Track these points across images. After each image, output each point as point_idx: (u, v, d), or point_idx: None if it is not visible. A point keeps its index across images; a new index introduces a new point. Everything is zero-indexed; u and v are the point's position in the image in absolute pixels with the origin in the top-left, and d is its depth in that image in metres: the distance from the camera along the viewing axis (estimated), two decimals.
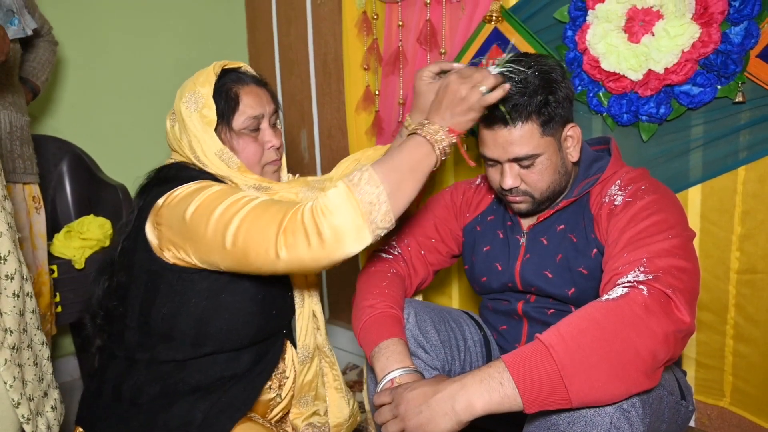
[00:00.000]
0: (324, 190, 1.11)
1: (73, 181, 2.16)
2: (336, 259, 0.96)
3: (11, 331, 1.07)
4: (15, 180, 1.56)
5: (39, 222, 1.65)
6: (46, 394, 1.18)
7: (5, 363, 1.04)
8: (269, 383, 1.19)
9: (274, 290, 1.18)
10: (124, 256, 1.13)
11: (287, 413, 1.28)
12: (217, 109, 1.12)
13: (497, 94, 1.02)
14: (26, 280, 1.14)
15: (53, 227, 2.09)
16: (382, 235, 0.98)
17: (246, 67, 1.23)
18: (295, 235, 0.95)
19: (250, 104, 1.16)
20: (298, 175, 1.41)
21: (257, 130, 1.18)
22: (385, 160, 1.00)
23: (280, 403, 1.23)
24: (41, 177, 1.84)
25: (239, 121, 1.15)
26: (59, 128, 2.19)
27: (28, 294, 1.15)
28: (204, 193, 1.04)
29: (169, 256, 1.07)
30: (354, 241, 0.95)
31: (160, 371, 1.09)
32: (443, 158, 1.02)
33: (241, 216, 0.99)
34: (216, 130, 1.13)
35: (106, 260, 1.19)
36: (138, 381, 1.09)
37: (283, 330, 1.24)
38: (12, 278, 1.07)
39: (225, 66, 1.19)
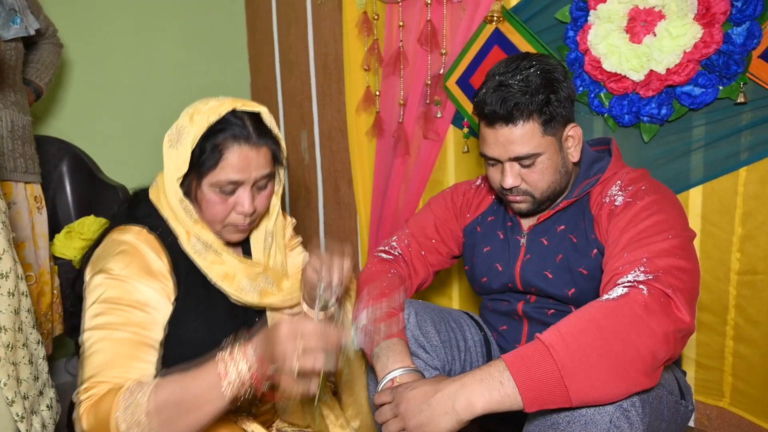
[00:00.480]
0: (276, 287, 1.11)
1: (73, 181, 2.16)
2: None
3: (6, 330, 1.07)
4: (16, 179, 1.56)
5: (41, 222, 1.65)
6: (41, 393, 1.18)
7: (0, 361, 1.04)
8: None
9: (231, 324, 1.09)
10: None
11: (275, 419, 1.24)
12: (193, 155, 1.01)
13: (297, 387, 0.84)
14: (21, 278, 1.14)
15: (53, 228, 2.09)
16: None
17: (264, 114, 1.07)
18: (83, 416, 0.90)
19: (232, 169, 1.01)
20: (294, 225, 1.31)
21: (232, 193, 1.05)
22: (169, 387, 0.87)
23: (257, 417, 1.17)
24: (42, 177, 1.85)
25: (212, 180, 1.02)
26: (59, 129, 2.20)
27: (23, 293, 1.15)
28: (113, 277, 0.97)
29: None
30: None
31: None
32: (230, 404, 0.87)
33: (93, 337, 0.95)
34: (187, 174, 1.03)
35: (75, 273, 1.12)
36: None
37: None
38: (7, 277, 1.07)
39: (238, 108, 1.04)
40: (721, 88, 1.31)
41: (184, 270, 1.05)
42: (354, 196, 2.21)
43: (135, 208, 1.10)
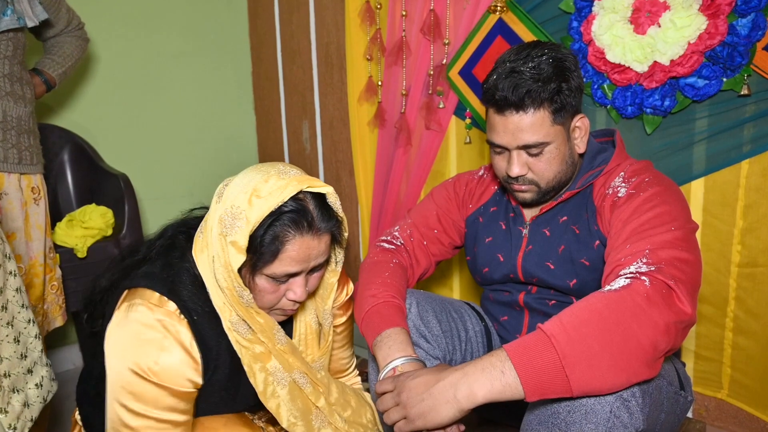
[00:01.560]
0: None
1: (74, 170, 2.16)
2: None
3: None
4: (9, 170, 1.53)
5: (37, 213, 1.62)
6: (30, 371, 1.18)
7: None
8: (253, 416, 1.12)
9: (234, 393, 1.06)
10: (105, 306, 1.03)
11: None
12: (251, 245, 0.91)
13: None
14: (9, 258, 1.14)
15: (55, 216, 2.09)
16: None
17: (330, 195, 0.98)
18: None
19: (291, 261, 0.94)
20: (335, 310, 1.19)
21: (285, 281, 0.98)
22: None
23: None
24: (43, 166, 1.83)
25: (268, 272, 0.94)
26: (60, 117, 2.19)
27: (11, 272, 1.14)
28: (135, 382, 0.92)
29: None
30: None
31: None
32: None
33: None
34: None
35: (102, 287, 1.07)
36: None
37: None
38: None
39: (306, 188, 0.94)
40: (724, 80, 1.30)
41: (215, 351, 1.00)
42: (355, 187, 2.21)
43: (171, 261, 1.00)
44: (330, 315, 1.13)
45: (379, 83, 2.00)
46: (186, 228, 1.07)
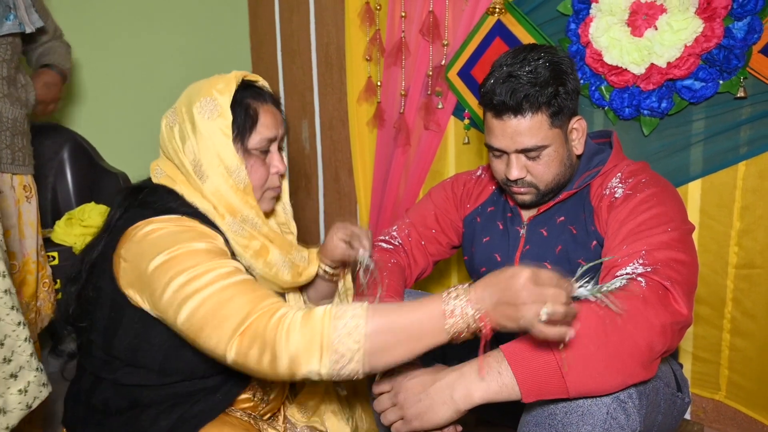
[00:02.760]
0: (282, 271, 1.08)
1: (73, 168, 2.16)
2: (281, 379, 0.93)
3: None
4: (2, 170, 1.56)
5: (29, 211, 1.64)
6: (14, 376, 1.15)
7: None
8: (250, 393, 1.13)
9: None
10: (93, 272, 1.05)
11: (278, 411, 1.25)
12: (234, 123, 1.04)
13: (551, 333, 0.78)
14: (0, 259, 1.12)
15: (54, 214, 2.10)
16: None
17: (263, 82, 1.14)
18: (251, 344, 0.85)
19: (267, 124, 1.08)
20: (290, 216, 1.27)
21: (267, 152, 1.10)
22: (387, 313, 0.84)
23: (269, 403, 1.17)
24: (42, 164, 1.84)
25: (254, 140, 1.06)
26: (60, 116, 2.20)
27: (1, 273, 1.12)
28: (178, 249, 0.93)
29: (130, 295, 1.00)
30: (305, 374, 0.84)
31: (126, 390, 1.04)
32: (452, 340, 0.83)
33: (204, 296, 0.89)
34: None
35: (76, 268, 1.09)
36: (106, 395, 1.04)
37: None
38: None
39: (245, 77, 1.11)
40: (721, 82, 1.31)
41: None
42: (354, 186, 2.21)
43: (154, 199, 1.04)
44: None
45: (379, 83, 2.01)
46: (130, 190, 1.10)
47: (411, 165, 1.97)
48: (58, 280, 1.84)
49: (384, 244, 1.31)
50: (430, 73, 1.84)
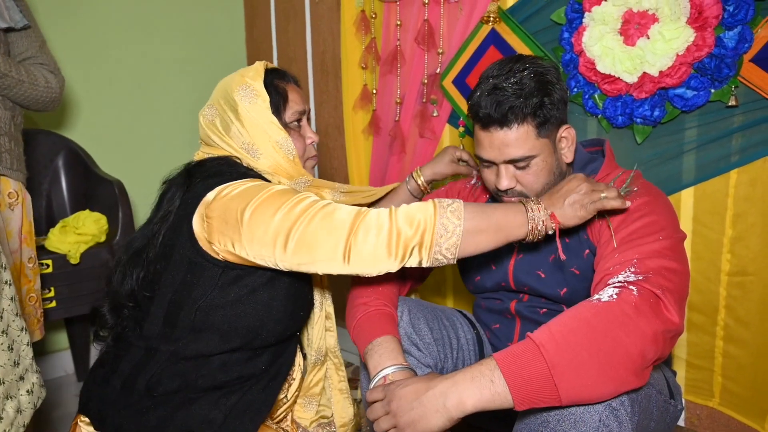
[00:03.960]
0: (351, 194, 1.26)
1: (68, 175, 2.16)
2: (389, 269, 1.00)
3: None
4: None
5: (11, 219, 1.53)
6: (22, 378, 1.19)
7: None
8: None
9: (304, 290, 1.19)
10: (165, 246, 1.11)
11: (288, 412, 1.29)
12: (270, 102, 1.16)
13: (614, 203, 1.02)
14: (4, 268, 1.15)
15: (48, 222, 2.09)
16: (437, 265, 1.01)
17: (283, 69, 1.28)
18: (366, 234, 0.98)
19: (296, 100, 1.21)
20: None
21: (299, 125, 1.23)
22: (481, 206, 1.02)
23: (286, 403, 1.24)
24: (36, 172, 1.79)
25: (288, 114, 1.19)
26: (55, 123, 2.20)
27: (6, 282, 1.16)
28: (264, 192, 1.03)
29: (219, 249, 1.05)
30: (415, 255, 0.99)
31: (181, 366, 1.08)
32: (530, 237, 1.03)
33: (308, 217, 1.00)
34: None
35: (136, 250, 1.15)
36: (156, 373, 1.07)
37: (297, 332, 1.24)
38: None
39: (267, 66, 1.24)
40: (712, 91, 1.32)
41: None
42: None
43: (231, 166, 1.14)
44: None
45: (374, 91, 2.01)
46: (185, 171, 1.18)
47: (406, 172, 1.98)
48: (52, 288, 1.83)
49: None
50: (426, 81, 1.85)
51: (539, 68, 1.09)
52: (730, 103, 1.30)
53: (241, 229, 1.01)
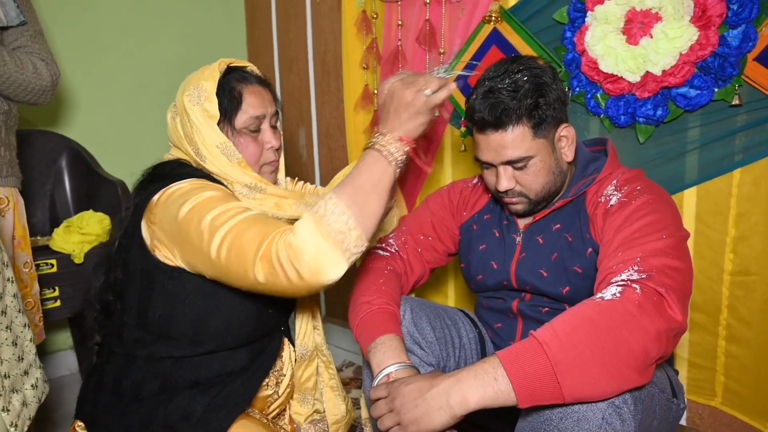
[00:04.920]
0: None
1: (71, 176, 2.16)
2: (315, 289, 0.97)
3: None
4: None
5: (2, 225, 1.49)
6: (26, 373, 1.22)
7: None
8: (266, 380, 1.20)
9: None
10: (121, 252, 1.13)
11: (284, 409, 1.29)
12: (220, 105, 1.12)
13: (442, 94, 1.01)
14: (6, 265, 1.17)
15: (53, 222, 2.10)
16: (357, 258, 0.98)
17: (252, 66, 1.23)
18: (273, 268, 0.94)
19: (252, 104, 1.16)
20: (297, 179, 1.40)
21: (258, 130, 1.18)
22: (346, 182, 0.98)
23: (277, 399, 1.24)
24: (39, 173, 1.79)
25: (241, 119, 1.15)
26: (58, 124, 2.20)
27: (9, 279, 1.18)
28: (199, 195, 1.03)
29: (160, 255, 1.07)
30: (331, 272, 0.93)
31: (159, 367, 1.10)
32: (399, 170, 1.00)
33: (227, 228, 0.98)
34: (218, 126, 1.13)
35: (104, 255, 1.18)
36: (138, 377, 1.09)
37: (281, 327, 1.25)
38: None
39: (231, 64, 1.19)
40: (716, 90, 1.32)
41: None
42: None
43: (179, 167, 1.14)
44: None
45: (375, 91, 2.01)
46: (144, 177, 1.20)
47: (407, 173, 1.98)
48: (57, 287, 1.84)
49: (380, 251, 1.32)
50: None
51: (534, 69, 1.10)
52: (733, 102, 1.30)
53: (174, 235, 1.03)
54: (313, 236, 0.92)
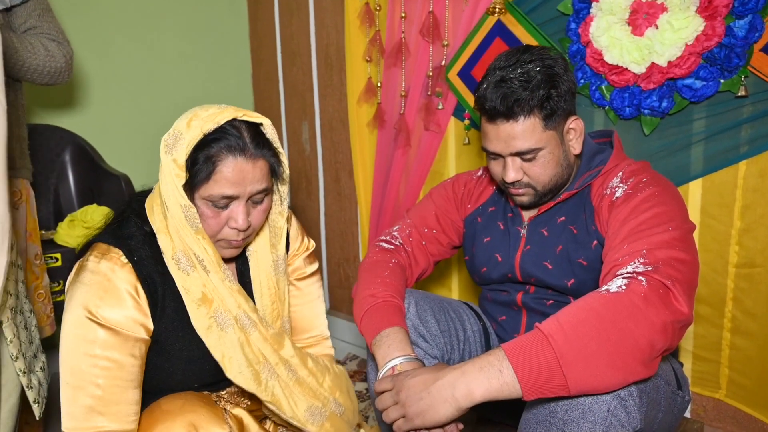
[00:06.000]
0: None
1: (75, 170, 2.17)
2: None
3: (11, 294, 1.15)
4: None
5: (16, 218, 1.47)
6: (35, 356, 1.26)
7: (7, 321, 1.13)
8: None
9: (198, 341, 1.06)
10: None
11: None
12: (191, 167, 0.96)
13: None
14: (17, 253, 1.21)
15: (57, 216, 2.11)
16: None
17: (266, 126, 1.03)
18: None
19: (226, 183, 0.96)
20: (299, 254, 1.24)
21: (225, 207, 1.00)
22: None
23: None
24: (44, 167, 1.79)
25: (205, 193, 0.98)
26: (62, 118, 2.20)
27: (19, 266, 1.21)
28: (84, 323, 0.95)
29: None
30: None
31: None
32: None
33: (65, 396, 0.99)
34: (185, 185, 0.98)
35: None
36: None
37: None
38: (11, 247, 1.12)
39: (239, 117, 0.99)
40: (722, 81, 1.31)
41: (161, 295, 1.03)
42: (355, 187, 2.21)
43: (125, 223, 1.06)
44: (284, 263, 1.16)
45: (379, 84, 2.01)
46: (141, 195, 1.12)
47: (411, 166, 1.98)
48: (62, 281, 1.85)
49: (385, 244, 1.32)
50: (430, 73, 1.84)
51: (547, 60, 1.09)
52: (739, 94, 1.30)
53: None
54: None
